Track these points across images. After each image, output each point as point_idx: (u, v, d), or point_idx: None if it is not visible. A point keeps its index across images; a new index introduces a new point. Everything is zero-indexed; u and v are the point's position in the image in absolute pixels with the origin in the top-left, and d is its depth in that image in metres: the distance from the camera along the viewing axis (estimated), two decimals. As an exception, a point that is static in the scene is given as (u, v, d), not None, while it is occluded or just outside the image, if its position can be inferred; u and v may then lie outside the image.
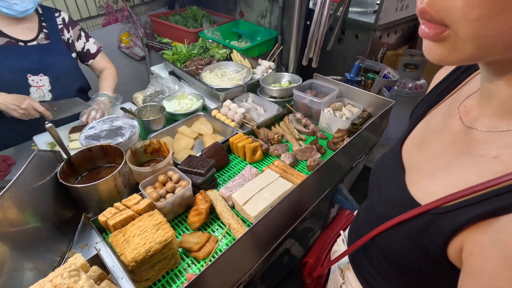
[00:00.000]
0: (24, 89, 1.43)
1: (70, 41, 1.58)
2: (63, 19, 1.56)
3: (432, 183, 0.48)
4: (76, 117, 1.46)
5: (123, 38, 2.68)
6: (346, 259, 0.77)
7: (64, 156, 0.98)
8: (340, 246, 0.87)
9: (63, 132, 1.42)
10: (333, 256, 0.84)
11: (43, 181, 0.89)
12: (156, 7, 2.94)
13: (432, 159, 0.52)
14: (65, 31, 1.55)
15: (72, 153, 0.99)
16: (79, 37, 1.61)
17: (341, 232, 0.89)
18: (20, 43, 1.41)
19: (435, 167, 0.50)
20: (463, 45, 0.35)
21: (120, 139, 1.09)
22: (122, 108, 1.40)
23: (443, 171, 0.47)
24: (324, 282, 0.90)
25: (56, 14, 1.54)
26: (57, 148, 1.28)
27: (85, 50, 1.64)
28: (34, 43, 1.45)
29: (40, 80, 1.46)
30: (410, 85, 2.32)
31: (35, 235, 0.85)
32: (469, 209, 0.39)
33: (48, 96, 1.51)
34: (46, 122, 0.89)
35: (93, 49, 1.66)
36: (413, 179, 0.53)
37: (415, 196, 0.50)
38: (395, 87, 2.34)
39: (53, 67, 1.49)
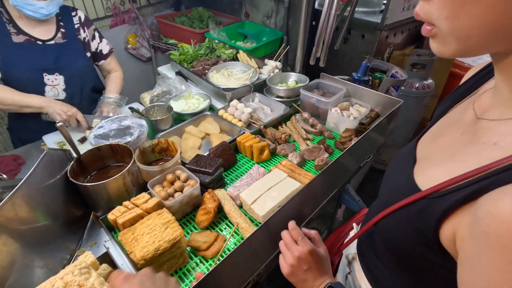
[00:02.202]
0: (39, 87, 1.46)
1: (86, 41, 1.60)
2: (80, 18, 1.58)
3: (435, 171, 0.50)
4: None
5: (130, 39, 2.71)
6: (354, 249, 0.77)
7: (74, 155, 0.98)
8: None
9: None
10: (349, 250, 0.84)
11: (54, 180, 0.90)
12: (162, 9, 2.96)
13: (442, 150, 0.54)
14: (81, 31, 1.57)
15: (81, 152, 1.00)
16: (93, 37, 1.64)
17: (354, 225, 0.89)
18: (38, 42, 1.44)
19: (443, 157, 0.52)
20: (448, 39, 0.42)
21: (129, 138, 1.10)
22: (130, 108, 1.41)
23: (448, 160, 0.50)
24: (334, 272, 0.90)
25: (73, 13, 1.56)
26: (67, 147, 1.30)
27: (98, 51, 1.66)
28: (52, 42, 1.48)
29: (56, 79, 1.49)
30: (417, 85, 2.30)
31: (45, 233, 0.86)
32: (458, 193, 0.42)
33: (62, 95, 1.54)
34: (58, 121, 0.90)
35: (105, 50, 1.69)
36: (421, 169, 0.55)
37: (418, 183, 0.52)
38: (402, 87, 2.32)
39: (68, 66, 1.51)
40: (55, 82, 1.49)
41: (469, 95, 0.60)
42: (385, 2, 2.01)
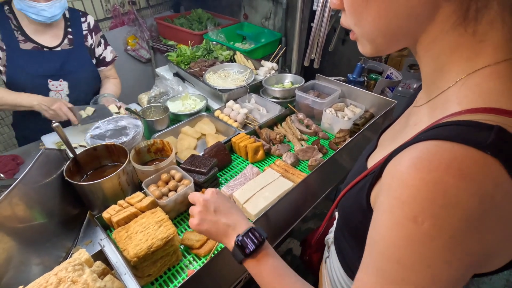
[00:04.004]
0: (43, 92, 1.46)
1: (92, 47, 1.61)
2: (89, 24, 1.58)
3: (381, 152, 0.57)
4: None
5: (130, 41, 2.73)
6: (333, 234, 0.80)
7: (70, 154, 1.00)
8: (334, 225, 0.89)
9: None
10: (329, 234, 0.87)
11: (50, 179, 0.92)
12: (161, 10, 2.99)
13: (390, 136, 0.62)
14: (89, 37, 1.58)
15: (77, 152, 1.02)
16: (99, 44, 1.64)
17: (336, 214, 0.91)
18: (45, 49, 1.45)
19: (389, 141, 0.59)
20: (363, 41, 0.49)
21: (124, 139, 1.12)
22: (127, 109, 1.43)
23: (391, 142, 0.56)
24: (320, 260, 0.92)
25: (83, 19, 1.56)
26: (64, 147, 1.32)
27: (101, 57, 1.66)
28: (59, 49, 1.49)
29: (60, 85, 1.50)
30: (414, 86, 2.30)
31: (41, 231, 0.88)
32: (382, 165, 0.47)
33: (66, 100, 1.52)
34: (53, 121, 0.92)
35: (108, 58, 1.69)
36: (374, 153, 0.62)
37: (368, 165, 0.58)
38: (400, 88, 2.33)
39: (74, 73, 1.52)
40: (59, 88, 1.50)
41: None
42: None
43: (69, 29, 1.52)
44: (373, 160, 0.57)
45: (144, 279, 0.84)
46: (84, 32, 1.56)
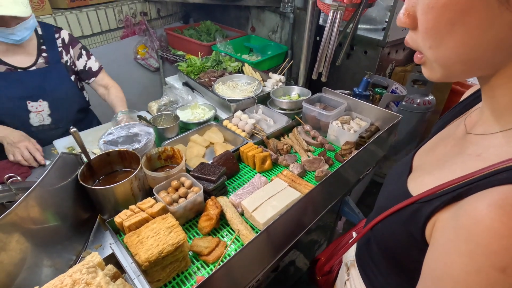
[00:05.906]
0: (23, 115, 1.46)
1: (68, 64, 1.58)
2: (63, 40, 1.56)
3: (426, 178, 0.54)
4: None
5: (139, 50, 2.80)
6: (353, 256, 0.80)
7: (85, 159, 1.03)
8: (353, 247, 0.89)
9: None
10: (346, 255, 0.87)
11: (65, 182, 0.94)
12: (171, 21, 3.07)
13: (434, 160, 0.59)
14: (64, 54, 1.56)
15: (91, 157, 1.05)
16: (80, 56, 1.62)
17: (353, 233, 0.91)
18: (19, 70, 1.42)
19: (434, 166, 0.56)
20: (434, 66, 0.46)
21: (136, 145, 1.15)
22: (138, 116, 1.46)
23: (438, 169, 0.54)
24: (334, 279, 0.92)
25: (56, 35, 1.54)
26: (76, 151, 1.34)
27: (86, 68, 1.64)
28: (34, 68, 1.46)
29: (40, 105, 1.48)
30: (418, 101, 2.34)
31: (54, 233, 0.89)
32: (444, 197, 0.46)
33: (48, 120, 1.54)
34: (71, 127, 0.95)
35: (95, 67, 1.67)
36: (414, 177, 0.60)
37: (410, 190, 0.56)
38: (404, 103, 2.37)
39: (52, 92, 1.50)
40: (39, 109, 1.48)
41: (465, 112, 0.65)
42: (387, 20, 2.08)
43: (43, 47, 1.49)
44: (417, 185, 0.56)
45: (154, 284, 0.86)
46: (59, 49, 1.53)
